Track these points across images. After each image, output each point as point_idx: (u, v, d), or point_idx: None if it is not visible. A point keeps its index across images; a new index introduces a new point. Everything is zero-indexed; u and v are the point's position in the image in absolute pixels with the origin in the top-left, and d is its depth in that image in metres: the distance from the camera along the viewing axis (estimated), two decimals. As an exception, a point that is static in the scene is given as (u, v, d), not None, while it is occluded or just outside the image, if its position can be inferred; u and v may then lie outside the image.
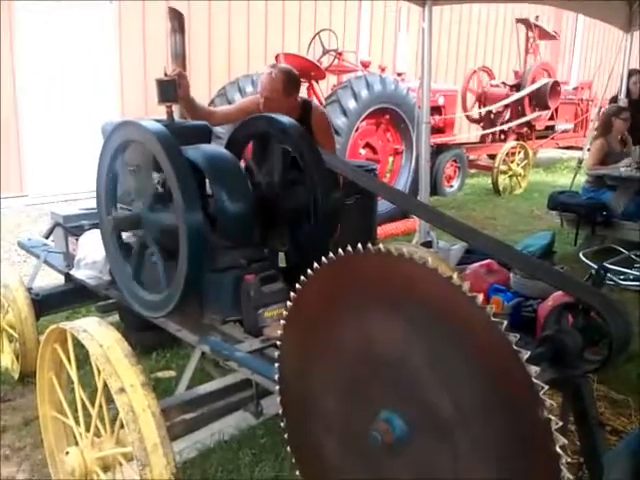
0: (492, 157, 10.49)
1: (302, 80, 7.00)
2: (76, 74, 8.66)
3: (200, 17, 9.25)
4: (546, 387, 1.31)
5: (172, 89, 2.93)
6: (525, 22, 11.21)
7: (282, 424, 1.99)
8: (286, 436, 1.99)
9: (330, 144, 3.93)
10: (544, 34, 11.31)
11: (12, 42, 8.09)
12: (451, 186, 9.62)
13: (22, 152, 8.42)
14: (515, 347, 1.31)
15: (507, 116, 10.85)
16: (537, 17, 11.30)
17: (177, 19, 3.14)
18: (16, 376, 3.62)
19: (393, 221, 6.97)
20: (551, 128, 11.55)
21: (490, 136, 10.86)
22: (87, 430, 2.30)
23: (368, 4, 11.71)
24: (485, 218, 8.10)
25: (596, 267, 4.32)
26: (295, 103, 3.76)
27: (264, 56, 9.75)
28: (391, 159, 8.01)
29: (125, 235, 2.86)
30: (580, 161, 7.38)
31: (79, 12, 8.57)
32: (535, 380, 1.30)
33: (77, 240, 3.55)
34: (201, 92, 3.96)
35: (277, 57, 7.45)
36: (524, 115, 10.64)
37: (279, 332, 1.94)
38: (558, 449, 1.31)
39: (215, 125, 3.93)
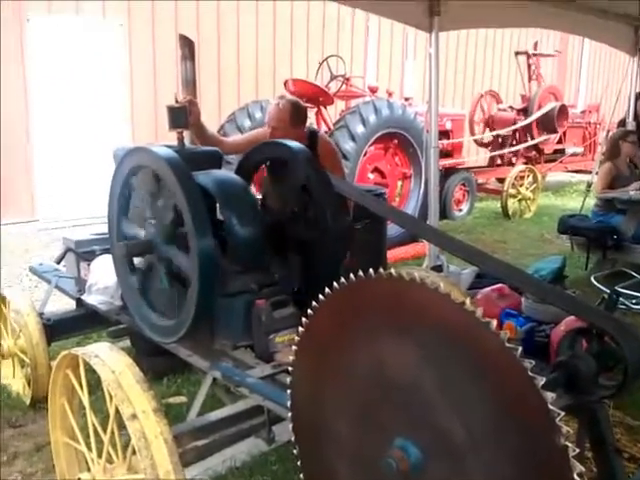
0: (501, 181, 10.49)
1: (310, 106, 7.10)
2: (87, 98, 8.76)
3: (209, 43, 9.36)
4: (562, 414, 1.30)
5: (183, 116, 2.96)
6: (524, 54, 11.44)
7: (295, 451, 1.98)
8: (299, 463, 1.98)
9: (338, 173, 3.96)
10: (545, 57, 11.48)
11: (24, 64, 8.20)
12: (460, 210, 9.62)
13: (33, 177, 8.48)
14: (531, 373, 1.30)
15: (515, 140, 10.88)
16: (535, 44, 11.42)
17: (187, 46, 3.18)
18: (28, 401, 3.62)
19: (403, 245, 6.96)
20: (560, 152, 11.56)
21: (499, 160, 10.88)
22: (99, 456, 2.29)
23: (376, 29, 11.83)
24: (495, 242, 8.08)
25: (608, 291, 4.31)
26: (302, 134, 3.81)
27: (272, 82, 9.85)
28: (400, 183, 8.02)
29: (136, 260, 2.87)
30: (589, 185, 7.37)
31: (90, 34, 8.68)
32: (551, 407, 1.29)
33: (89, 265, 3.56)
34: (211, 118, 4.00)
35: (286, 83, 7.52)
36: (532, 139, 10.66)
37: (290, 358, 1.94)
38: (576, 477, 1.30)
39: (223, 154, 3.96)
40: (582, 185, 10.78)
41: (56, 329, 3.77)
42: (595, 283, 5.81)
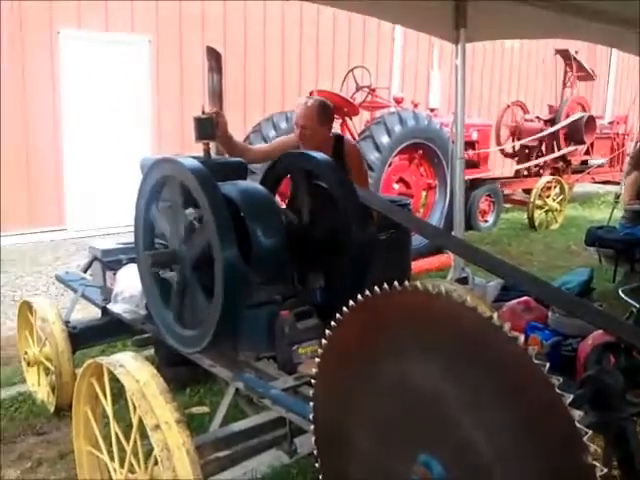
0: (527, 192, 10.40)
1: (335, 117, 7.10)
2: (115, 109, 8.88)
3: (236, 55, 9.44)
4: (590, 432, 1.27)
5: (209, 127, 2.98)
6: (564, 54, 10.95)
7: (317, 464, 1.96)
8: (320, 477, 1.96)
9: (363, 177, 3.96)
10: (582, 71, 11.15)
11: (54, 76, 8.33)
12: (486, 221, 9.54)
13: (63, 186, 8.60)
14: (558, 390, 1.28)
15: (542, 151, 10.79)
16: (577, 52, 11.17)
17: (215, 58, 3.20)
18: (52, 409, 3.65)
19: (427, 256, 6.92)
20: (586, 163, 11.44)
21: (525, 171, 10.79)
22: (121, 466, 2.30)
23: (401, 40, 11.83)
24: (521, 254, 8.00)
25: (636, 305, 4.23)
26: (328, 135, 3.82)
27: (298, 93, 9.87)
28: (424, 194, 7.99)
29: (162, 270, 2.89)
30: (617, 196, 7.28)
31: (118, 48, 8.82)
32: (579, 425, 1.26)
33: (115, 274, 3.59)
34: (236, 128, 4.02)
35: (311, 93, 7.53)
36: (559, 150, 10.56)
37: (313, 369, 1.93)
38: (603, 497, 1.27)
39: (251, 162, 3.97)
40: (610, 196, 10.63)
41: (81, 337, 3.80)
42: (623, 296, 5.70)
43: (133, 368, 2.25)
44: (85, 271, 4.20)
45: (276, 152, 3.72)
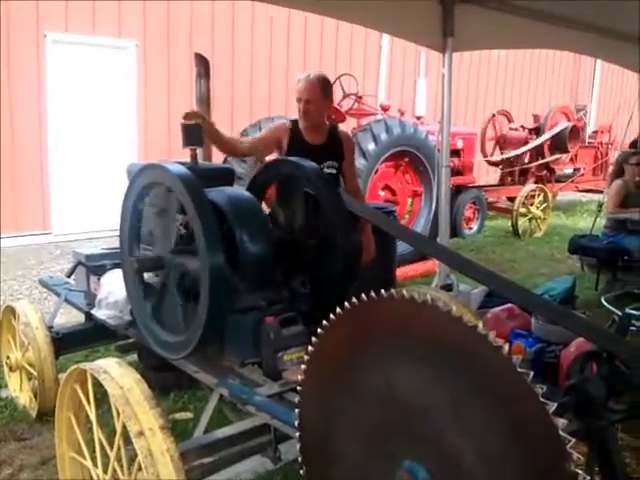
0: (511, 200, 10.48)
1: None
2: (102, 113, 8.85)
3: (223, 61, 9.44)
4: (573, 440, 1.28)
5: (197, 133, 2.98)
6: None
7: (301, 471, 1.96)
8: (305, 483, 1.96)
9: (353, 167, 3.96)
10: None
11: (40, 79, 8.28)
12: (470, 228, 9.60)
13: (48, 190, 8.54)
14: (542, 399, 1.29)
15: (526, 159, 10.88)
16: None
17: (203, 65, 3.21)
18: (34, 414, 3.62)
19: (412, 263, 6.95)
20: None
21: (509, 179, 10.88)
22: (105, 472, 2.28)
23: (388, 49, 11.90)
24: (505, 261, 8.05)
25: (619, 312, 4.27)
26: (328, 112, 3.75)
27: (285, 99, 9.91)
28: (410, 201, 8.04)
29: (147, 275, 2.88)
30: (600, 204, 7.34)
31: (105, 52, 8.79)
32: (562, 433, 1.28)
33: (99, 279, 3.58)
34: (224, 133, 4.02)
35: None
36: (543, 158, 10.66)
37: (299, 376, 1.93)
38: (586, 504, 1.28)
39: (242, 156, 3.93)
40: (593, 205, 10.74)
41: (64, 342, 3.77)
42: (605, 304, 5.75)
43: (117, 374, 2.24)
44: (69, 276, 4.18)
45: (265, 142, 3.69)
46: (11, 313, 3.84)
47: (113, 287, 3.37)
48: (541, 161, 10.60)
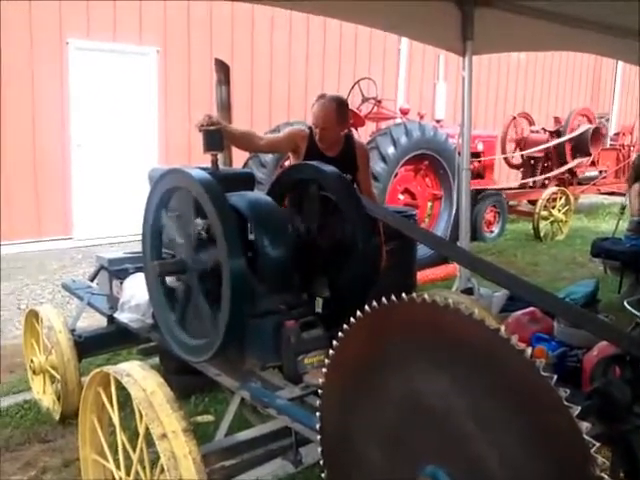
0: (532, 203, 10.40)
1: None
2: (123, 119, 8.94)
3: (243, 67, 9.49)
4: (597, 444, 1.27)
5: (217, 138, 3.00)
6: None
7: (323, 475, 1.96)
8: (327, 487, 1.96)
9: (369, 176, 3.96)
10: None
11: (63, 84, 8.39)
12: (491, 232, 9.54)
13: (70, 195, 8.64)
14: (566, 402, 1.28)
15: (547, 162, 10.79)
16: None
17: (223, 71, 3.23)
18: (57, 417, 3.66)
19: (432, 266, 6.92)
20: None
21: (530, 182, 10.80)
22: (127, 474, 2.30)
23: (407, 52, 11.89)
24: (527, 264, 7.99)
25: (643, 317, 4.22)
26: (344, 131, 3.78)
27: (304, 104, 9.92)
28: (430, 204, 8.01)
29: (169, 279, 2.90)
30: (623, 207, 7.26)
31: (127, 58, 8.88)
32: (587, 437, 1.26)
33: (121, 283, 3.61)
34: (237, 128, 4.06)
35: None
36: (565, 161, 10.57)
37: (319, 379, 1.93)
38: (611, 509, 1.27)
39: (256, 152, 3.92)
40: (615, 207, 10.64)
41: (87, 346, 3.81)
42: (628, 307, 5.69)
43: (140, 377, 2.26)
44: (92, 280, 4.22)
45: (287, 143, 3.72)
46: (34, 317, 3.89)
47: (135, 291, 3.40)
48: (563, 168, 10.50)
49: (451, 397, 1.50)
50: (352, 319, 1.76)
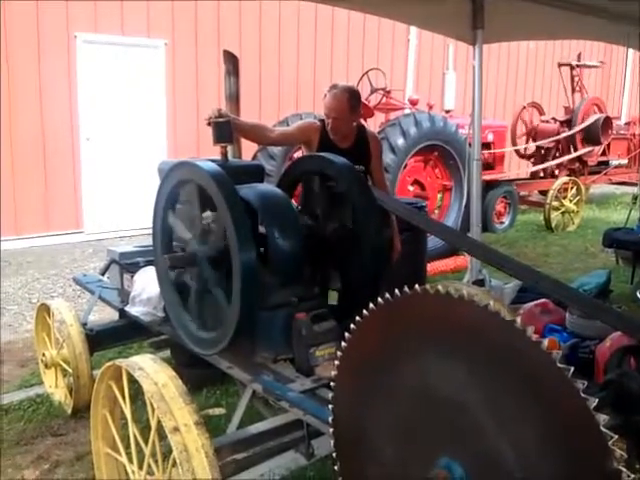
0: (543, 193, 10.33)
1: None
2: (132, 112, 8.94)
3: (251, 58, 9.46)
4: (615, 437, 1.25)
5: (227, 130, 2.98)
6: (567, 65, 11.24)
7: (335, 467, 1.96)
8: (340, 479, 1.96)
9: (380, 166, 3.93)
10: (589, 68, 11.27)
11: (71, 79, 8.39)
12: (502, 222, 9.50)
13: (80, 188, 8.65)
14: (583, 394, 1.26)
15: (558, 152, 10.72)
16: (579, 55, 11.22)
17: (232, 62, 3.21)
18: (69, 411, 3.67)
19: (443, 258, 6.90)
20: (604, 163, 11.36)
21: (541, 172, 10.73)
22: (140, 468, 2.30)
23: (415, 42, 11.81)
24: (538, 255, 7.95)
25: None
26: (356, 122, 3.75)
27: (312, 95, 9.90)
28: (440, 195, 7.97)
29: (179, 272, 2.89)
30: (635, 197, 7.21)
31: (135, 51, 8.87)
32: (604, 429, 1.25)
33: (132, 277, 3.61)
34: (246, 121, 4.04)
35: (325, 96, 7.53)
36: (575, 151, 10.49)
37: (331, 372, 1.92)
38: (629, 502, 1.25)
39: (268, 144, 3.88)
40: (627, 197, 10.56)
41: (99, 339, 3.82)
42: (641, 298, 5.66)
43: (152, 370, 2.26)
44: (103, 273, 4.23)
45: (295, 137, 3.71)
46: (46, 311, 3.90)
47: (146, 284, 3.40)
48: (574, 154, 10.42)
49: (466, 389, 1.49)
50: (364, 311, 1.75)
